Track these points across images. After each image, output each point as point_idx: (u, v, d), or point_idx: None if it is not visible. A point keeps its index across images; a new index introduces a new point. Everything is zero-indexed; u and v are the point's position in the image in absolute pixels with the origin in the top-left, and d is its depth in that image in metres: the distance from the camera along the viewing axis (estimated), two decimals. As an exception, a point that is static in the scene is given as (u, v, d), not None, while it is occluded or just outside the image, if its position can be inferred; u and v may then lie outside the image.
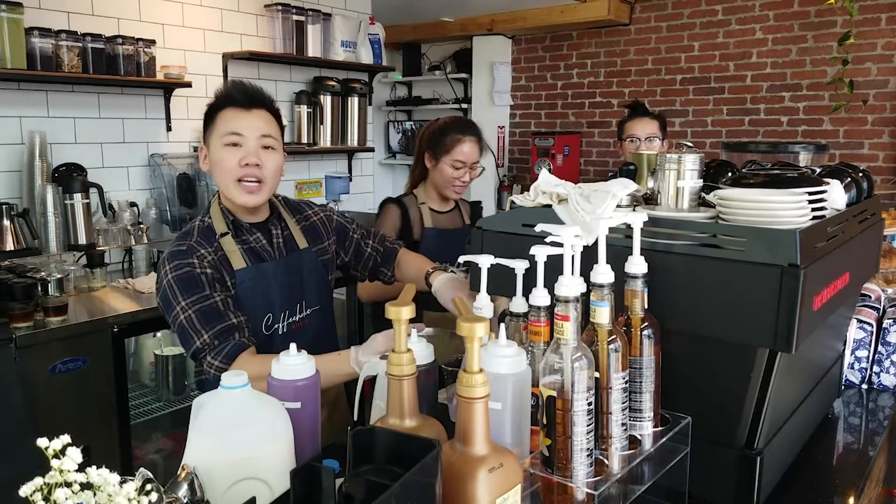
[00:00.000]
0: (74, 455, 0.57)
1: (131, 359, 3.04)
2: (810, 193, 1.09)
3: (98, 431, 2.58)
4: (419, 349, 1.23)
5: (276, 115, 1.68)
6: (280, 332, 1.65)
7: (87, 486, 0.59)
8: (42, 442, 0.60)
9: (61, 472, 0.56)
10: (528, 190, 1.36)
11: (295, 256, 1.72)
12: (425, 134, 2.45)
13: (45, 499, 0.56)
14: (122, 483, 0.60)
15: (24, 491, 0.56)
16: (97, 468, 0.59)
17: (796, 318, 0.99)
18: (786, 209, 1.06)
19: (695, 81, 4.71)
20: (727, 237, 1.07)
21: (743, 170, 1.34)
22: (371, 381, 1.39)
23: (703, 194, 1.24)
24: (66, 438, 0.59)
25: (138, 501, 0.60)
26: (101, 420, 2.60)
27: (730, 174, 1.38)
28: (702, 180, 1.21)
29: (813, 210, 1.10)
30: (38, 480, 0.56)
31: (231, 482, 0.98)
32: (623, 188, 1.18)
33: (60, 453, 0.58)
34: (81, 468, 0.58)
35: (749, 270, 1.04)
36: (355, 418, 1.48)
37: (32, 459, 2.31)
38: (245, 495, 0.97)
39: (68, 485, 0.56)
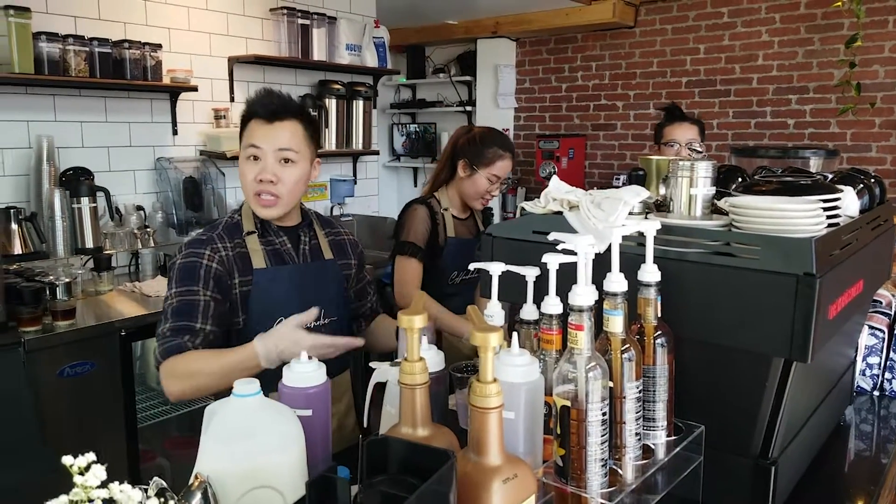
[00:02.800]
0: (99, 472, 0.57)
1: (138, 362, 3.04)
2: (825, 201, 1.09)
3: (105, 435, 2.58)
4: (430, 356, 1.23)
5: (306, 122, 1.67)
6: None
7: (109, 501, 0.59)
8: (67, 459, 0.60)
9: (85, 488, 0.56)
10: (532, 193, 1.36)
11: (319, 264, 1.74)
12: (461, 141, 2.42)
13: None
14: (147, 499, 0.60)
15: (49, 509, 0.56)
16: (119, 483, 0.59)
17: (812, 327, 0.99)
18: (801, 217, 1.06)
19: (700, 84, 4.70)
20: (741, 245, 1.07)
21: (755, 176, 1.33)
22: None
23: (715, 202, 1.23)
24: (91, 456, 0.59)
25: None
26: (109, 424, 2.60)
27: (740, 179, 1.38)
28: (714, 188, 1.20)
29: (827, 218, 1.10)
30: (64, 499, 0.56)
31: (244, 491, 0.98)
32: (635, 195, 1.18)
33: (84, 470, 0.58)
34: (104, 484, 0.58)
35: (764, 279, 1.03)
36: (365, 425, 1.48)
37: (40, 463, 2.32)
38: (258, 503, 0.97)
39: (90, 501, 0.56)
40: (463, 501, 0.88)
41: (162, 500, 0.60)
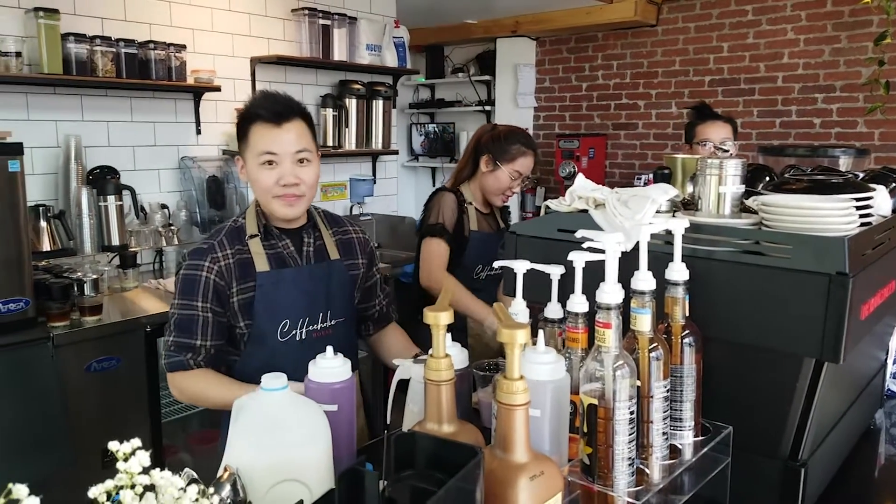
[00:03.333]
0: (143, 458, 0.58)
1: (161, 358, 3.07)
2: (857, 199, 1.07)
3: (130, 429, 2.60)
4: (455, 353, 1.23)
5: (309, 122, 1.68)
6: (298, 339, 1.65)
7: (149, 488, 0.60)
8: (113, 445, 0.61)
9: (130, 474, 0.57)
10: (552, 193, 1.35)
11: (323, 266, 1.72)
12: (485, 137, 2.45)
13: (112, 500, 0.57)
14: (186, 486, 0.61)
15: (93, 492, 0.57)
16: (160, 470, 0.60)
17: (844, 327, 0.98)
18: (833, 216, 1.05)
19: (724, 83, 4.65)
20: (771, 244, 1.06)
21: (784, 175, 1.32)
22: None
23: (743, 200, 1.22)
24: (136, 442, 0.60)
25: (201, 503, 0.61)
26: (134, 418, 2.63)
27: (767, 178, 1.36)
28: (744, 186, 1.19)
29: (860, 217, 1.08)
30: (109, 483, 0.57)
31: (271, 483, 0.99)
32: (663, 193, 1.17)
33: (129, 456, 0.59)
34: (145, 471, 0.59)
35: (795, 278, 1.02)
36: (388, 421, 1.48)
37: (69, 455, 2.35)
38: (285, 497, 0.97)
39: (133, 487, 0.57)
40: (489, 498, 0.88)
41: (202, 488, 0.61)
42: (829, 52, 4.26)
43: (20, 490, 0.48)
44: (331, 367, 1.20)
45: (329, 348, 1.23)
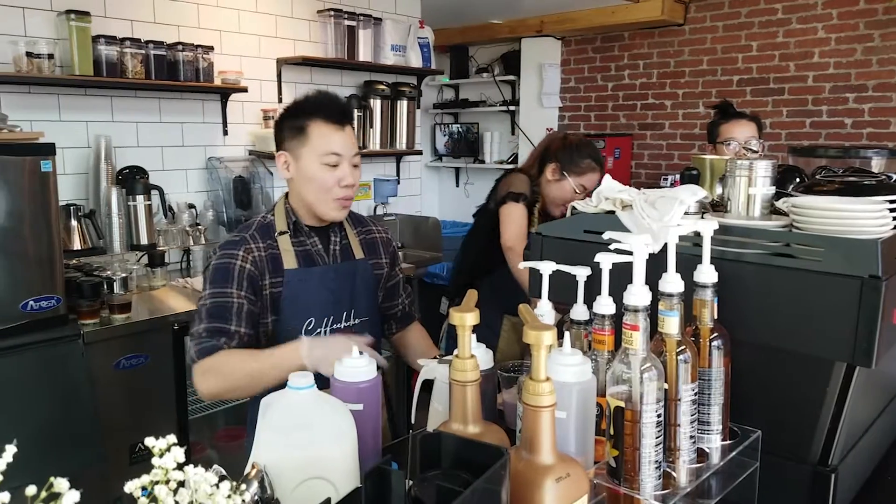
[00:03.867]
0: (178, 454, 0.59)
1: (188, 355, 3.11)
2: (890, 201, 1.06)
3: (157, 426, 2.64)
4: (480, 354, 1.23)
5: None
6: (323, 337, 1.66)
7: (181, 483, 0.61)
8: (150, 440, 0.62)
9: (165, 469, 0.58)
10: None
11: (349, 265, 1.73)
12: (555, 144, 2.42)
13: (148, 496, 0.58)
14: (218, 483, 0.62)
15: (129, 487, 0.58)
16: (194, 466, 0.61)
17: (877, 331, 0.96)
18: (865, 218, 1.03)
19: (753, 82, 4.59)
20: (802, 246, 1.04)
21: (815, 176, 1.30)
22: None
23: (773, 202, 1.21)
24: (171, 438, 0.61)
25: (233, 500, 0.62)
26: (161, 415, 2.67)
27: (797, 180, 1.35)
28: (774, 188, 1.18)
29: (893, 219, 1.06)
30: (146, 478, 0.59)
31: (298, 481, 1.00)
32: (691, 195, 1.16)
33: (164, 452, 0.60)
34: (179, 467, 0.60)
35: (826, 281, 1.01)
36: (413, 421, 1.49)
37: (99, 451, 2.38)
38: (312, 494, 0.98)
39: (168, 482, 0.59)
40: (515, 499, 0.88)
41: (233, 485, 0.62)
42: (862, 50, 4.19)
43: (61, 484, 0.49)
44: (357, 367, 1.20)
45: (355, 348, 1.24)
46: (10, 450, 0.50)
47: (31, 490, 0.49)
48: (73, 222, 2.87)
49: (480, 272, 2.49)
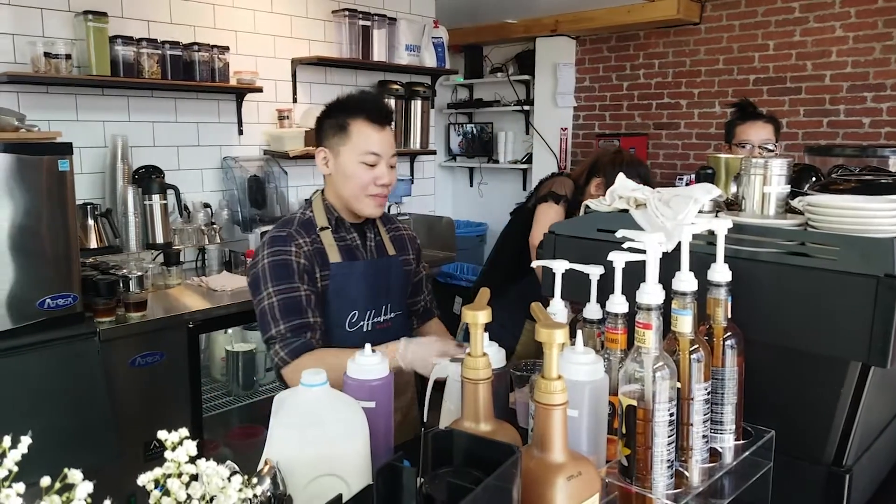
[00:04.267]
0: (190, 448, 0.60)
1: (204, 354, 3.14)
2: (907, 200, 1.04)
3: (172, 423, 2.65)
4: (492, 353, 1.23)
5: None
6: (365, 330, 1.71)
7: (194, 477, 0.62)
8: (162, 434, 0.63)
9: (178, 463, 0.59)
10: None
11: (385, 260, 1.79)
12: (606, 158, 2.38)
13: (161, 488, 0.59)
14: (230, 476, 0.62)
15: (142, 480, 0.59)
16: (206, 460, 0.62)
17: (893, 331, 0.95)
18: (881, 217, 1.02)
19: (769, 82, 4.55)
20: (818, 245, 1.03)
21: (831, 175, 1.29)
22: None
23: (788, 201, 1.20)
24: (183, 432, 0.62)
25: (244, 493, 0.62)
26: (176, 413, 2.69)
27: (814, 179, 1.33)
28: (789, 186, 1.17)
29: (910, 218, 1.05)
30: (158, 471, 0.59)
31: (311, 477, 1.00)
32: (705, 193, 1.16)
33: (176, 445, 0.61)
34: (192, 461, 0.61)
35: (841, 280, 1.00)
36: (425, 419, 1.49)
37: (113, 448, 2.40)
38: (324, 490, 0.99)
39: (180, 476, 0.59)
40: (526, 497, 0.88)
41: (245, 478, 0.62)
42: (880, 49, 4.14)
43: (75, 475, 0.50)
44: (369, 365, 1.21)
45: (367, 346, 1.24)
46: (25, 441, 0.51)
47: (45, 481, 0.50)
48: (90, 221, 2.90)
49: (514, 276, 2.47)
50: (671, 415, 0.97)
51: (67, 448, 2.30)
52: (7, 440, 0.50)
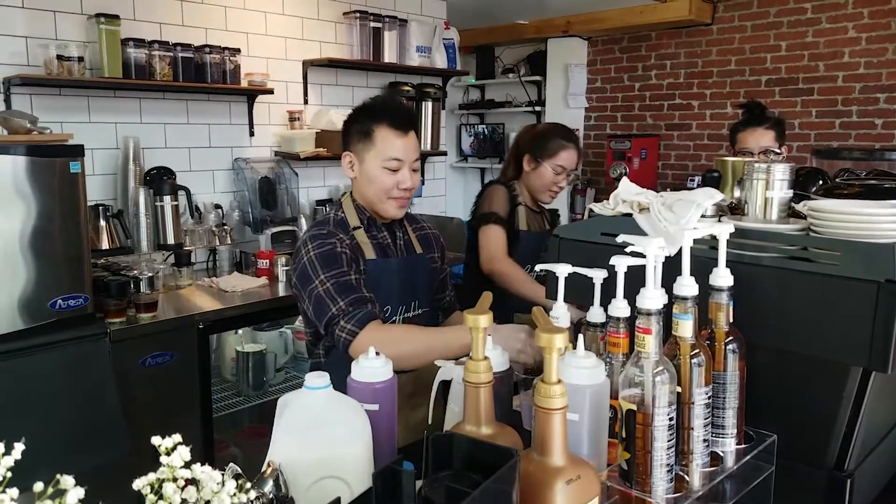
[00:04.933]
0: (184, 453, 0.61)
1: (214, 354, 3.16)
2: (910, 205, 1.04)
3: (182, 423, 2.68)
4: (495, 356, 1.24)
5: (418, 133, 1.81)
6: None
7: (190, 481, 0.63)
8: (156, 440, 0.64)
9: (172, 468, 0.60)
10: (602, 194, 1.35)
11: (414, 258, 1.86)
12: (525, 137, 2.51)
13: (156, 493, 0.60)
14: (223, 481, 0.63)
15: (137, 485, 0.60)
16: (201, 465, 0.63)
17: (893, 336, 0.95)
18: (883, 222, 1.02)
19: (781, 83, 4.52)
20: (819, 250, 1.03)
21: (836, 179, 1.29)
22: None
23: (792, 204, 1.19)
24: (177, 437, 0.63)
25: (237, 498, 0.63)
26: (186, 413, 2.71)
27: (821, 182, 1.33)
28: (792, 191, 1.17)
29: (913, 223, 1.05)
30: (152, 476, 0.60)
31: (313, 479, 1.01)
32: (708, 198, 1.16)
33: (170, 451, 0.62)
34: (186, 465, 0.62)
35: (843, 286, 1.00)
36: (429, 422, 1.50)
37: (123, 447, 2.43)
38: (326, 493, 0.99)
39: (175, 480, 0.60)
40: (525, 501, 0.89)
41: (241, 482, 0.63)
42: (893, 50, 4.10)
43: (67, 481, 0.51)
44: (373, 367, 1.22)
45: (371, 349, 1.25)
46: (19, 447, 0.52)
47: (38, 486, 0.51)
48: (102, 222, 2.93)
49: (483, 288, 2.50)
50: (671, 419, 0.97)
51: (77, 448, 2.33)
52: (0, 446, 0.51)
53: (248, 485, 0.66)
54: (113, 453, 2.40)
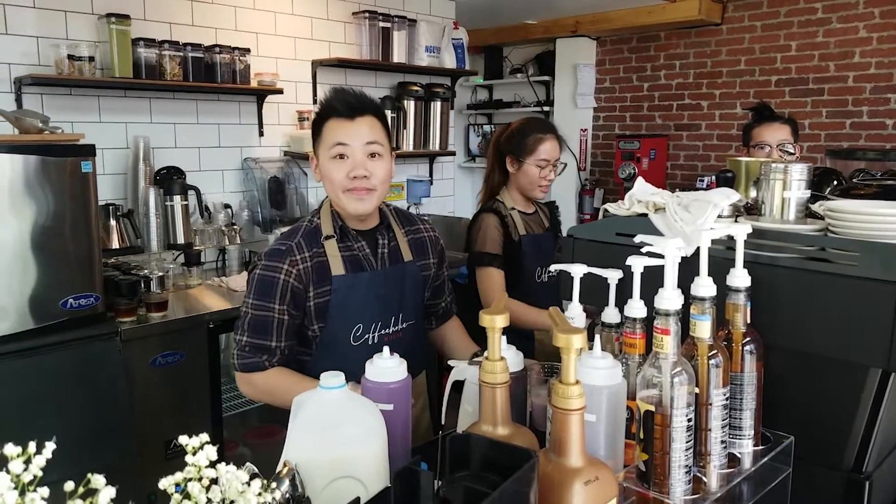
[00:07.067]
0: (210, 452, 0.61)
1: (224, 353, 3.16)
2: (930, 206, 1.03)
3: (192, 422, 2.69)
4: (510, 356, 1.23)
5: (382, 118, 1.67)
6: (371, 343, 1.66)
7: (214, 481, 0.62)
8: (183, 439, 0.64)
9: (198, 467, 0.60)
10: (611, 194, 1.34)
11: (398, 269, 1.71)
12: (502, 138, 2.44)
13: (183, 492, 0.60)
14: (249, 481, 0.63)
15: (163, 484, 0.60)
16: (226, 465, 0.63)
17: (914, 338, 0.94)
18: (903, 223, 1.01)
19: (792, 83, 4.50)
20: (838, 251, 1.03)
21: (852, 180, 1.28)
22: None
23: (809, 205, 1.19)
24: (204, 437, 0.63)
25: (263, 497, 0.63)
26: (196, 412, 2.72)
27: (835, 182, 1.32)
28: (809, 191, 1.16)
29: (933, 223, 1.04)
30: (179, 476, 0.60)
31: (329, 479, 1.01)
32: (725, 198, 1.15)
33: (197, 450, 0.62)
34: (212, 465, 0.62)
35: (861, 286, 0.99)
36: (443, 422, 1.49)
37: (133, 446, 2.42)
38: (342, 493, 0.99)
39: (200, 479, 0.60)
40: (543, 502, 0.88)
41: (263, 482, 0.63)
42: (905, 49, 4.08)
43: (98, 480, 0.51)
44: (387, 367, 1.21)
45: (385, 349, 1.25)
46: (50, 446, 0.52)
47: (69, 486, 0.51)
48: (112, 222, 2.94)
49: None
50: (689, 420, 0.96)
51: (88, 447, 2.33)
52: (32, 446, 0.51)
53: (274, 484, 0.66)
54: (122, 453, 2.40)
